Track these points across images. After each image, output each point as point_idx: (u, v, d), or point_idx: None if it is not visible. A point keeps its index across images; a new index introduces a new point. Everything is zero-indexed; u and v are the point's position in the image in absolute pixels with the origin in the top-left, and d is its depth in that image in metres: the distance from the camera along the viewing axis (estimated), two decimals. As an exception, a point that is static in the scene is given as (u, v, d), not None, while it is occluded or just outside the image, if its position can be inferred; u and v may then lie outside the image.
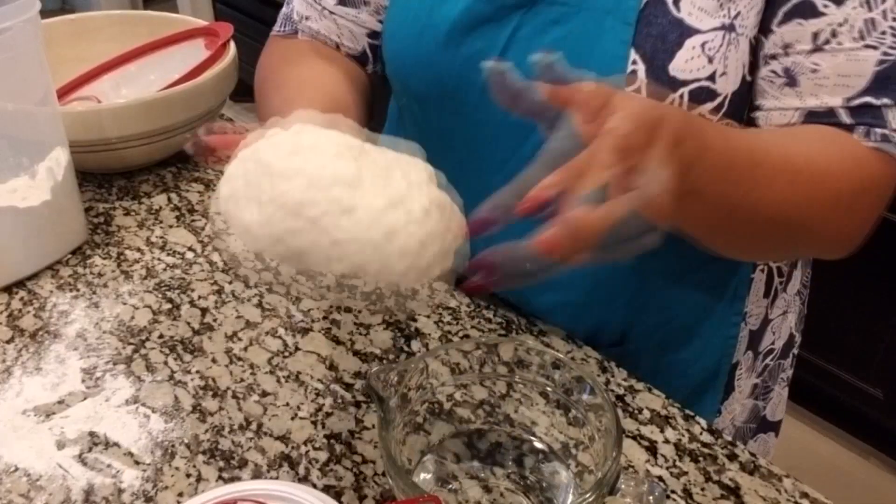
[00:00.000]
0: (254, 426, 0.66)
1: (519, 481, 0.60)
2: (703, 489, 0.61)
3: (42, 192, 0.82)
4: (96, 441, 0.65)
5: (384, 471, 0.60)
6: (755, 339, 0.80)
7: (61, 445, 0.64)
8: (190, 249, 0.87)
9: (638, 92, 0.61)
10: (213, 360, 0.73)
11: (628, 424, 0.67)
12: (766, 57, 0.61)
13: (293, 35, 0.82)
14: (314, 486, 0.61)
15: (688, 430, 0.66)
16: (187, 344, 0.75)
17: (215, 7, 3.04)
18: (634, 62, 0.60)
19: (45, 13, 0.79)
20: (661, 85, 0.60)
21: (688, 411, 0.68)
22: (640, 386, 0.71)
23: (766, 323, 0.80)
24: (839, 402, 1.77)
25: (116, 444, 0.64)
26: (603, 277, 0.74)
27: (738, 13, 0.59)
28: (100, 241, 0.89)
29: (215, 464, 0.63)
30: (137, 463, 0.63)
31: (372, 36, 0.81)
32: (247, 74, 0.98)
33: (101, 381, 0.70)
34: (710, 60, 0.59)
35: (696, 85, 0.60)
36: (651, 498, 0.51)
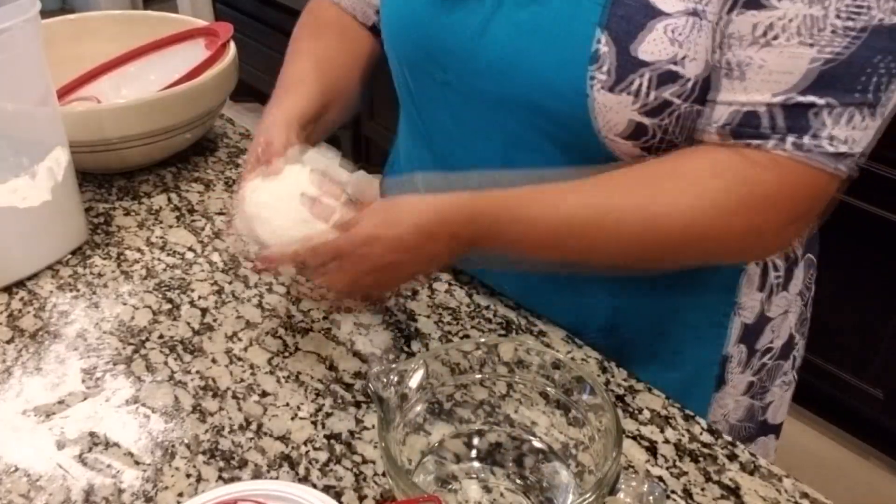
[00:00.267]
0: (254, 426, 0.66)
1: (519, 481, 0.60)
2: (703, 489, 0.61)
3: (42, 193, 0.82)
4: (96, 441, 0.65)
5: (384, 471, 0.60)
6: (750, 334, 0.79)
7: (61, 445, 0.64)
8: (190, 250, 0.87)
9: (607, 74, 0.62)
10: (213, 361, 0.73)
11: (628, 424, 0.67)
12: (722, 47, 0.61)
13: None
14: (314, 486, 0.61)
15: (688, 431, 0.66)
16: (187, 344, 0.75)
17: (215, 7, 3.04)
18: (601, 42, 0.61)
19: (45, 13, 0.79)
20: (625, 66, 0.61)
21: (688, 411, 0.68)
22: (640, 386, 0.71)
23: (766, 321, 0.80)
24: (839, 402, 1.77)
25: (116, 445, 0.64)
26: None
27: (709, 0, 0.60)
28: (100, 242, 0.89)
29: (215, 464, 0.63)
30: (137, 463, 0.63)
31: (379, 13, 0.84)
32: (247, 74, 0.98)
33: (101, 382, 0.70)
34: (677, 44, 0.60)
35: (660, 68, 0.61)
36: (651, 498, 0.51)
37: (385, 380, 0.56)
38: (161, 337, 0.75)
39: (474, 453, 0.62)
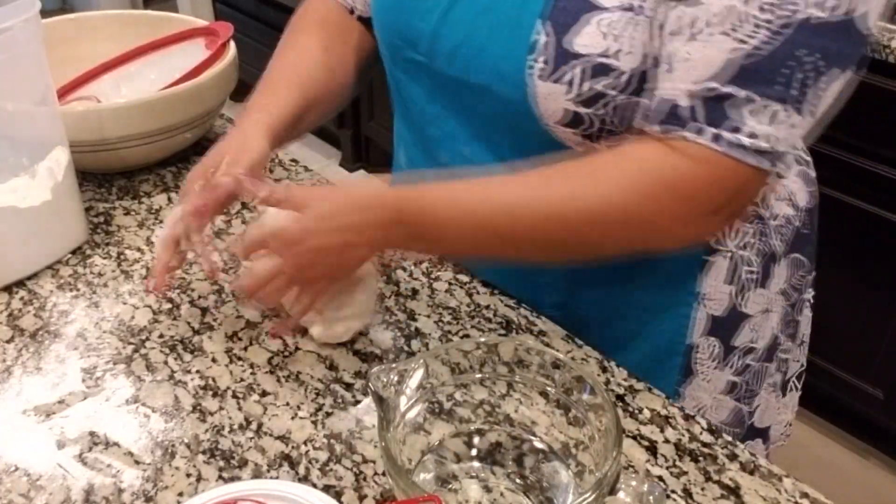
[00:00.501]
0: (254, 426, 0.66)
1: (519, 481, 0.60)
2: (703, 489, 0.61)
3: (42, 192, 0.82)
4: (96, 441, 0.65)
5: (384, 471, 0.60)
6: (722, 328, 0.79)
7: (61, 445, 0.64)
8: (190, 249, 0.87)
9: (544, 64, 0.63)
10: (214, 360, 0.73)
11: (628, 424, 0.67)
12: (660, 40, 0.62)
13: None
14: (314, 485, 0.61)
15: (688, 430, 0.66)
16: (187, 343, 0.75)
17: (215, 7, 3.04)
18: (540, 33, 0.63)
19: (46, 13, 0.79)
20: (559, 57, 0.63)
21: (688, 412, 0.68)
22: (640, 386, 0.71)
23: (742, 317, 0.80)
24: (839, 402, 1.77)
25: (116, 444, 0.64)
26: None
27: None
28: (100, 241, 0.89)
29: (215, 463, 0.63)
30: (137, 462, 0.63)
31: None
32: (247, 74, 0.98)
33: (101, 381, 0.70)
34: (609, 37, 0.61)
35: (592, 60, 0.62)
36: (651, 498, 0.51)
37: (385, 379, 0.56)
38: (161, 336, 0.75)
39: (474, 453, 0.62)
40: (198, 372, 0.71)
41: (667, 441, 0.65)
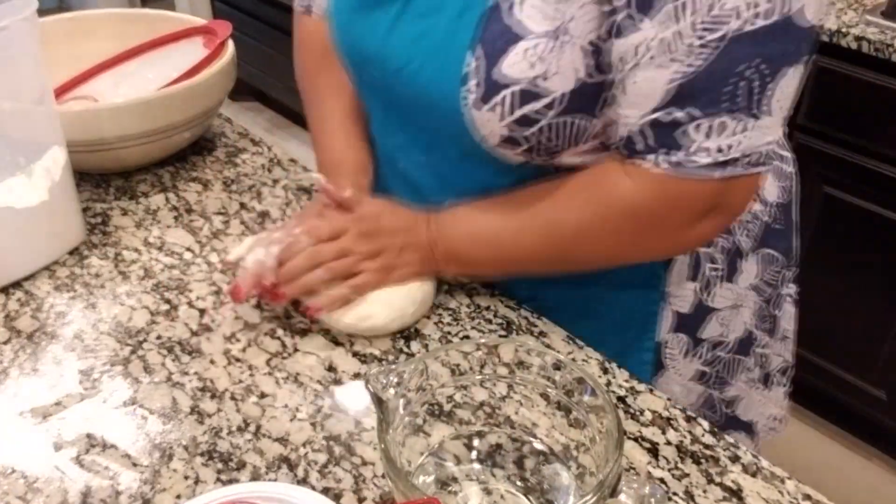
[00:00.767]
0: (252, 428, 0.66)
1: (519, 483, 0.60)
2: (704, 491, 0.61)
3: (39, 192, 0.81)
4: (94, 443, 0.64)
5: (384, 473, 0.60)
6: (688, 323, 0.80)
7: (58, 447, 0.64)
8: (188, 250, 0.87)
9: (475, 92, 0.66)
10: (212, 362, 0.72)
11: (630, 426, 0.66)
12: (613, 68, 0.64)
13: (308, 12, 0.92)
14: (313, 488, 0.61)
15: (690, 432, 0.66)
16: (185, 345, 0.74)
17: (213, 5, 3.04)
18: (470, 63, 0.65)
19: (43, 11, 0.78)
20: (489, 86, 0.65)
21: (690, 413, 0.68)
22: (642, 387, 0.70)
23: (709, 311, 0.81)
24: (842, 404, 1.77)
25: (114, 446, 0.64)
26: None
27: (572, 17, 0.62)
28: (97, 242, 0.88)
29: (213, 465, 0.62)
30: (135, 465, 0.62)
31: None
32: (245, 73, 0.98)
33: (98, 383, 0.70)
34: (536, 64, 0.63)
35: (520, 86, 0.64)
36: (653, 500, 0.51)
37: (384, 381, 0.56)
38: (159, 338, 0.75)
39: (474, 455, 0.61)
40: (196, 373, 0.71)
41: (668, 443, 0.65)
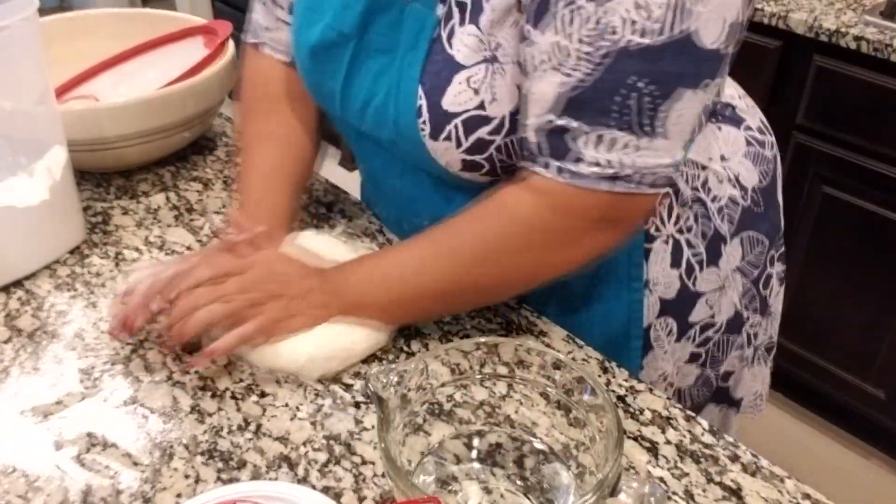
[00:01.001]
0: (252, 427, 0.66)
1: (519, 482, 0.60)
2: (704, 490, 0.61)
3: (40, 192, 0.81)
4: (94, 442, 0.64)
5: (384, 472, 0.60)
6: (675, 308, 0.82)
7: (59, 446, 0.64)
8: (188, 249, 0.87)
9: (428, 126, 0.67)
10: (212, 361, 0.72)
11: (629, 425, 0.66)
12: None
13: (260, 46, 0.89)
14: (313, 487, 0.61)
15: (689, 431, 0.66)
16: (186, 344, 0.74)
17: (214, 5, 3.04)
18: (421, 97, 0.67)
19: (44, 11, 0.79)
20: (438, 118, 0.67)
21: (689, 412, 0.68)
22: (642, 387, 0.70)
23: (696, 295, 0.82)
24: (841, 403, 1.77)
25: (114, 445, 0.64)
26: None
27: (499, 45, 0.64)
28: (98, 241, 0.88)
29: (214, 465, 0.63)
30: (136, 464, 0.62)
31: None
32: (246, 73, 0.98)
33: (99, 382, 0.70)
34: (476, 92, 0.65)
35: (466, 115, 0.66)
36: (652, 499, 0.51)
37: (385, 380, 0.56)
38: (160, 337, 0.75)
39: (474, 454, 0.61)
40: (196, 372, 0.71)
41: (668, 442, 0.65)
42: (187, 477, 0.62)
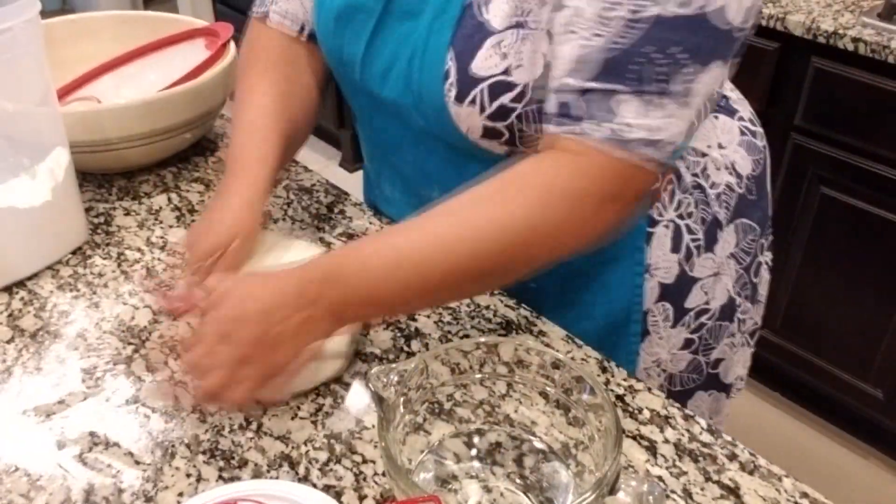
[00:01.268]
0: (254, 426, 0.66)
1: (519, 481, 0.60)
2: (702, 489, 0.62)
3: (42, 193, 0.82)
4: (96, 441, 0.65)
5: (384, 471, 0.60)
6: (673, 293, 0.82)
7: (61, 445, 0.64)
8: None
9: (455, 88, 0.67)
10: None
11: (628, 424, 0.67)
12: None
13: (265, 18, 0.88)
14: (314, 485, 0.61)
15: (687, 430, 0.66)
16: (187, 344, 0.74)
17: (215, 7, 3.04)
18: (449, 60, 0.68)
19: (46, 13, 0.79)
20: (465, 82, 0.67)
21: (688, 412, 0.68)
22: (640, 386, 0.71)
23: (692, 280, 0.83)
24: (839, 403, 1.77)
25: (117, 444, 0.64)
26: None
27: (530, 10, 0.65)
28: (100, 242, 0.89)
29: (215, 464, 0.63)
30: (138, 463, 0.63)
31: None
32: (247, 75, 0.98)
33: (101, 381, 0.70)
34: (505, 56, 0.66)
35: (493, 80, 0.67)
36: (651, 498, 0.51)
37: (385, 379, 0.56)
38: (161, 337, 0.75)
39: (474, 453, 0.62)
40: (198, 372, 0.71)
41: (666, 441, 0.65)
42: (189, 476, 0.62)
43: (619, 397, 0.70)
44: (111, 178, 1.00)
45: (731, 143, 0.84)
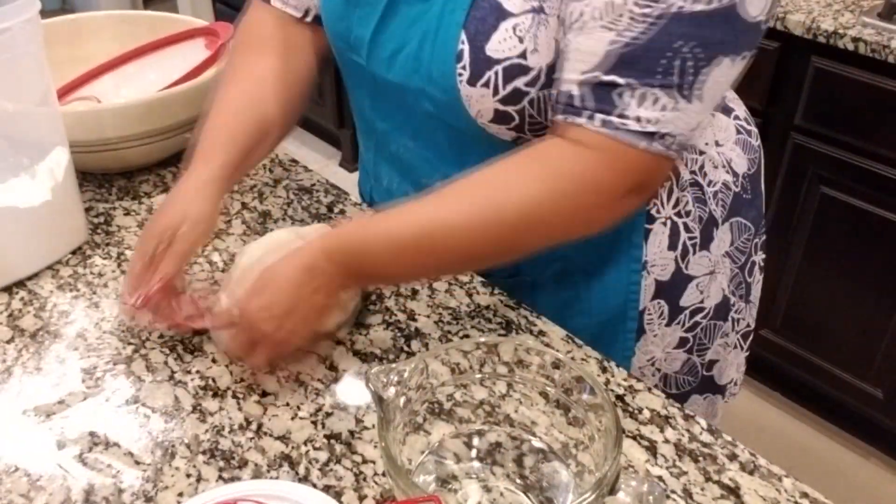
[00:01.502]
0: (254, 426, 0.66)
1: (519, 481, 0.60)
2: (702, 489, 0.62)
3: (42, 193, 0.82)
4: (96, 441, 0.65)
5: (384, 471, 0.60)
6: (669, 290, 0.83)
7: (61, 445, 0.64)
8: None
9: (467, 70, 0.67)
10: (213, 360, 0.73)
11: (628, 424, 0.67)
12: (562, 35, 0.66)
13: (267, 1, 0.87)
14: (314, 486, 0.61)
15: (688, 430, 0.66)
16: (187, 344, 0.75)
17: (215, 7, 3.04)
18: (463, 41, 0.68)
19: (45, 13, 0.79)
20: (479, 63, 0.67)
21: (688, 412, 0.68)
22: (640, 386, 0.71)
23: (687, 279, 0.83)
24: (839, 403, 1.77)
25: (116, 444, 0.64)
26: None
27: None
28: (100, 241, 0.89)
29: (215, 464, 0.63)
30: (138, 463, 0.63)
31: None
32: (247, 74, 0.98)
33: (101, 381, 0.70)
34: (521, 40, 0.66)
35: (508, 63, 0.67)
36: (651, 498, 0.51)
37: (385, 379, 0.56)
38: (161, 337, 0.75)
39: (474, 453, 0.62)
40: (198, 372, 0.71)
41: (666, 441, 0.65)
42: (189, 476, 0.62)
43: (619, 397, 0.70)
44: (111, 177, 1.00)
45: (727, 140, 0.84)
